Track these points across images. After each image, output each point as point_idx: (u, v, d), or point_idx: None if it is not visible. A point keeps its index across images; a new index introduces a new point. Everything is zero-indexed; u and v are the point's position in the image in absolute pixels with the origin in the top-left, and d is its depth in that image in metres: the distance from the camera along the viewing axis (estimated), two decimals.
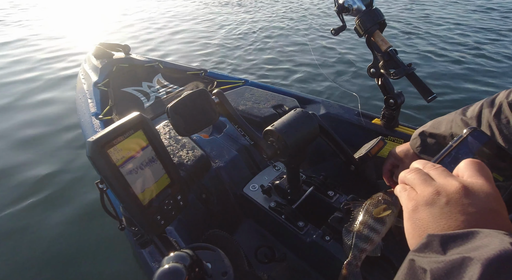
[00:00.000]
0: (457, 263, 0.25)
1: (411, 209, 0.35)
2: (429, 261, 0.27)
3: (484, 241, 0.26)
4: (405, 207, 0.37)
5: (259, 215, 1.07)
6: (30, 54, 4.06)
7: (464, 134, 0.44)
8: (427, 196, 0.34)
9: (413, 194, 0.36)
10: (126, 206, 0.62)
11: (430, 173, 0.37)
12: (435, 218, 0.32)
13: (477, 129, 0.45)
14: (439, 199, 0.33)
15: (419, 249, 0.29)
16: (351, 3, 1.05)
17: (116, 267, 1.42)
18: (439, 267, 0.26)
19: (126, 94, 1.79)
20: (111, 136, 0.58)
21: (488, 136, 0.45)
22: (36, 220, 1.67)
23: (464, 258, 0.25)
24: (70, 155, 2.14)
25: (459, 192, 0.32)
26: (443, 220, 0.31)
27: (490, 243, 0.25)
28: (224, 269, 0.66)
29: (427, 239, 0.29)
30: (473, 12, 5.39)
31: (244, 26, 5.15)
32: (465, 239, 0.27)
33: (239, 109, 1.40)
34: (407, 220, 0.35)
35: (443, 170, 0.37)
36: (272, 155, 0.85)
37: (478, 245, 0.26)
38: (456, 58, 3.57)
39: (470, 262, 0.24)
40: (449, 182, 0.34)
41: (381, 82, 1.17)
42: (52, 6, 7.31)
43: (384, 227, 0.49)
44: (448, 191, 0.33)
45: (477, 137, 0.44)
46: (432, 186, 0.35)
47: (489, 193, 0.32)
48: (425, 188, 0.35)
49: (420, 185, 0.36)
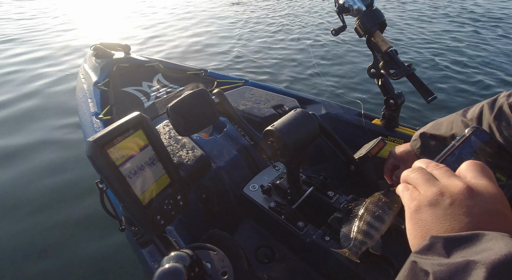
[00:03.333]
0: (461, 266, 0.24)
1: (413, 209, 0.34)
2: (432, 263, 0.26)
3: (489, 244, 0.25)
4: (407, 207, 0.36)
5: (259, 215, 1.07)
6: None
7: (467, 133, 0.43)
8: (430, 196, 0.33)
9: (415, 193, 0.36)
10: (126, 205, 0.62)
11: (434, 173, 0.36)
12: (438, 219, 0.31)
13: (480, 129, 0.44)
14: (443, 199, 0.32)
15: (421, 251, 0.28)
16: (352, 3, 1.05)
17: (116, 267, 1.42)
18: (442, 270, 0.25)
19: (126, 94, 1.79)
20: (111, 136, 0.58)
21: (490, 135, 0.44)
22: (36, 219, 1.67)
23: (469, 261, 0.24)
24: (70, 155, 2.14)
25: (464, 193, 0.31)
26: (446, 222, 0.31)
27: (495, 246, 0.25)
28: (224, 269, 0.66)
29: (430, 241, 0.29)
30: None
31: (244, 26, 5.15)
32: (470, 242, 0.26)
33: (239, 109, 1.40)
34: (409, 220, 0.35)
35: (446, 169, 0.36)
36: (272, 155, 0.85)
37: (483, 248, 0.25)
38: (457, 58, 3.57)
39: (475, 265, 0.24)
40: (453, 182, 0.33)
41: (381, 83, 1.17)
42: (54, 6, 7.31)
43: (383, 225, 0.49)
44: (452, 191, 0.32)
45: (480, 136, 0.43)
46: (435, 186, 0.34)
47: (493, 194, 0.32)
48: (429, 188, 0.34)
49: (423, 184, 0.35)
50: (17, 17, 6.09)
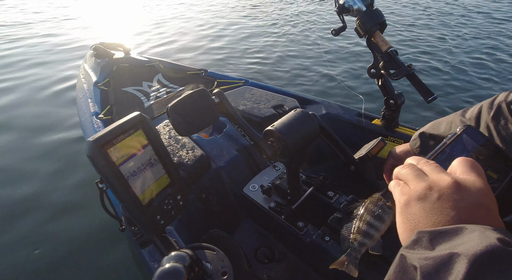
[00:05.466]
0: (446, 259, 0.25)
1: (403, 203, 0.35)
2: (419, 258, 0.27)
3: (471, 236, 0.26)
4: (397, 201, 0.37)
5: (259, 215, 1.07)
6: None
7: (458, 131, 0.44)
8: (419, 190, 0.34)
9: (406, 189, 0.37)
10: (126, 205, 0.62)
11: (424, 169, 0.37)
12: (426, 212, 0.32)
13: (471, 127, 0.45)
14: (431, 194, 0.33)
15: (409, 246, 0.30)
16: (352, 3, 1.05)
17: (116, 266, 1.42)
18: (428, 264, 0.26)
19: (126, 94, 1.79)
20: (111, 135, 0.58)
21: (482, 134, 0.45)
22: (35, 219, 1.67)
23: (452, 254, 0.25)
24: (69, 154, 2.14)
25: (451, 187, 0.33)
26: (434, 215, 0.32)
27: (476, 238, 0.26)
28: (223, 269, 0.67)
29: (417, 235, 0.30)
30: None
31: (245, 26, 5.15)
32: (453, 234, 0.28)
33: (239, 109, 1.40)
34: (399, 214, 0.36)
35: (436, 166, 0.37)
36: (272, 155, 0.85)
37: (466, 240, 0.26)
38: (457, 59, 3.57)
39: (458, 257, 0.25)
40: (442, 177, 0.34)
41: (381, 83, 1.17)
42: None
43: (383, 224, 0.49)
44: (440, 186, 0.33)
45: (471, 134, 0.44)
46: (425, 181, 0.35)
47: (480, 188, 0.33)
48: (418, 183, 0.35)
49: (413, 180, 0.36)
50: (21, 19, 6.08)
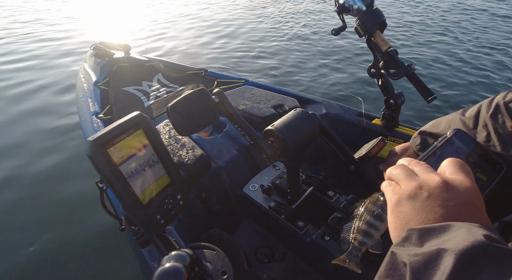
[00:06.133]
0: (434, 255, 0.26)
1: (394, 202, 0.36)
2: (408, 254, 0.28)
3: (458, 233, 0.27)
4: (389, 200, 0.38)
5: (259, 215, 1.07)
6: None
7: (448, 135, 0.47)
8: (410, 190, 0.35)
9: (397, 188, 0.38)
10: (126, 205, 0.62)
11: (414, 169, 0.39)
12: (416, 211, 0.33)
13: (461, 131, 0.48)
14: (421, 193, 0.34)
15: (399, 243, 0.31)
16: (352, 3, 1.05)
17: (116, 266, 1.42)
18: (418, 260, 0.27)
19: (126, 93, 1.79)
20: (111, 135, 0.58)
21: (471, 137, 0.48)
22: (35, 219, 1.67)
23: (440, 249, 0.26)
24: (69, 154, 2.14)
25: (440, 187, 0.34)
26: (423, 213, 0.33)
27: (462, 234, 0.27)
28: (223, 268, 0.66)
29: (407, 233, 0.31)
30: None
31: (246, 26, 5.15)
32: (441, 231, 0.29)
33: (239, 109, 1.40)
34: (390, 213, 0.37)
35: (426, 166, 0.38)
36: (272, 155, 0.85)
37: (453, 237, 0.27)
38: (457, 58, 3.57)
39: (445, 253, 0.26)
40: (432, 177, 0.36)
41: (381, 83, 1.17)
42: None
43: (383, 224, 0.49)
44: (430, 185, 0.34)
45: (461, 138, 0.47)
46: (415, 180, 0.36)
47: (468, 188, 0.34)
48: (409, 183, 0.36)
49: (404, 180, 0.38)
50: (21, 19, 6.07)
